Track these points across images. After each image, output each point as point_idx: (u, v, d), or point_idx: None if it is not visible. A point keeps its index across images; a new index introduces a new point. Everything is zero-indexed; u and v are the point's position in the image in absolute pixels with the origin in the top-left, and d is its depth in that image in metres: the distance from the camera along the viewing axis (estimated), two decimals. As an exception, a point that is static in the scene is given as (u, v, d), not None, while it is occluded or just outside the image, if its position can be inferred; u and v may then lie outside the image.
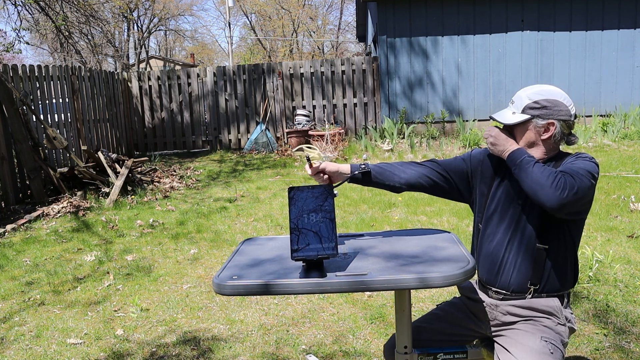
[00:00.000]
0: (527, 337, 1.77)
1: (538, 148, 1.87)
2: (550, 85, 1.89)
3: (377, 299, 3.43)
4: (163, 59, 35.58)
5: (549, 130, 1.82)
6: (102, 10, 18.03)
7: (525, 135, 1.86)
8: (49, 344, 3.08)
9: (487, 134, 1.90)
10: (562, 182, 1.65)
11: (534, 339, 1.75)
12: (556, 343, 1.75)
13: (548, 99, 1.83)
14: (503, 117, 1.89)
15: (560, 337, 1.78)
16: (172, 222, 5.57)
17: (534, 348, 1.73)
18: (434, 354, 1.88)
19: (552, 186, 1.65)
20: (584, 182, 1.68)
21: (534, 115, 1.83)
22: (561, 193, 1.64)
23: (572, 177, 1.68)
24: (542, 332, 1.77)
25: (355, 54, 30.60)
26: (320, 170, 1.97)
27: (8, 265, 4.48)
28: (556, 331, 1.79)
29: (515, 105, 1.88)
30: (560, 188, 1.65)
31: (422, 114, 10.37)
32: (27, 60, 40.96)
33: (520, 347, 1.75)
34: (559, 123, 1.82)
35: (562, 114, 1.82)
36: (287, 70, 10.42)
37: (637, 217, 4.73)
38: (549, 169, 1.70)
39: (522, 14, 9.96)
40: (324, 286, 1.56)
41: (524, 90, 1.90)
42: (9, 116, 6.36)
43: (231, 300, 3.51)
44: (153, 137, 10.82)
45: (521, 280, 1.81)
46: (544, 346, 1.73)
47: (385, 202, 5.84)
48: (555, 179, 1.66)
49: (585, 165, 1.74)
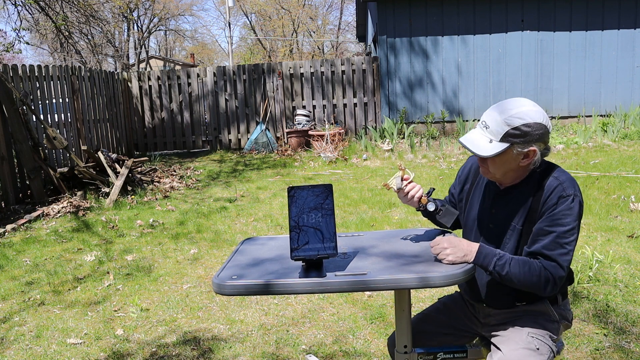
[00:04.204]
0: (515, 333, 1.77)
1: (513, 173, 1.74)
2: (522, 101, 1.69)
3: (377, 298, 3.43)
4: (163, 59, 35.58)
5: (528, 157, 1.68)
6: (102, 10, 18.03)
7: (502, 165, 1.71)
8: (49, 344, 3.08)
9: (438, 248, 1.65)
10: (547, 277, 1.62)
11: (521, 334, 1.75)
12: (544, 339, 1.74)
13: (528, 123, 1.64)
14: (478, 147, 1.69)
15: (549, 334, 1.77)
16: (172, 222, 5.57)
17: (519, 344, 1.72)
18: (433, 354, 1.88)
19: (542, 284, 1.63)
20: (568, 255, 1.64)
21: (514, 142, 1.65)
22: (553, 288, 1.64)
23: (556, 262, 1.63)
24: (530, 328, 1.76)
25: (355, 54, 30.59)
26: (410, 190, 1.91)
27: (8, 265, 4.48)
28: (546, 327, 1.78)
29: (491, 132, 1.68)
30: (550, 283, 1.63)
31: (422, 114, 10.37)
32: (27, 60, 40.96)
33: (508, 344, 1.75)
34: (539, 147, 1.68)
35: (543, 136, 1.67)
36: (287, 70, 10.42)
37: (637, 217, 4.73)
38: (527, 264, 1.63)
39: (522, 14, 9.96)
40: (324, 286, 1.56)
41: (498, 114, 1.67)
42: (9, 116, 6.36)
43: (231, 300, 3.51)
44: (153, 137, 10.82)
45: (508, 300, 1.81)
46: (529, 342, 1.72)
47: (385, 202, 5.84)
48: (541, 276, 1.62)
49: (566, 223, 1.63)
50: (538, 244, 1.65)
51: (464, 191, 1.96)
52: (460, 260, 1.62)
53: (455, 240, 1.66)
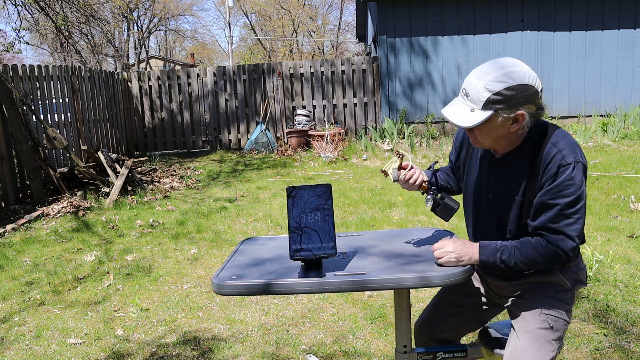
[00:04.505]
0: (529, 311, 1.72)
1: (505, 140, 1.63)
2: (502, 61, 1.55)
3: (377, 298, 3.43)
4: (163, 59, 35.58)
5: (518, 122, 1.56)
6: (102, 10, 18.03)
7: (490, 133, 1.60)
8: (49, 344, 3.08)
9: (441, 252, 1.61)
10: (555, 252, 1.57)
11: (535, 314, 1.70)
12: (557, 314, 1.70)
13: (511, 85, 1.50)
14: (460, 118, 1.57)
15: (563, 304, 1.71)
16: (172, 222, 5.57)
17: (533, 324, 1.68)
18: (433, 353, 1.88)
19: (551, 261, 1.59)
20: (576, 224, 1.55)
21: (498, 108, 1.53)
22: (566, 260, 1.58)
23: (563, 234, 1.55)
24: (543, 306, 1.71)
25: (355, 54, 30.59)
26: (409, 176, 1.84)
27: (8, 265, 4.48)
28: (559, 299, 1.72)
29: (472, 100, 1.55)
30: (559, 257, 1.58)
31: (422, 113, 10.37)
32: (27, 60, 40.97)
33: (523, 324, 1.71)
34: (528, 109, 1.55)
35: (530, 97, 1.53)
36: (287, 70, 10.42)
37: (637, 217, 4.73)
38: (530, 246, 1.59)
39: (522, 14, 9.96)
40: (323, 286, 1.56)
41: (477, 78, 1.54)
42: (9, 116, 6.36)
43: (231, 300, 3.51)
44: (153, 137, 10.82)
45: (515, 271, 1.73)
46: (543, 321, 1.68)
47: (385, 202, 5.84)
48: (547, 254, 1.57)
49: (569, 194, 1.54)
50: (542, 217, 1.57)
51: (460, 159, 1.90)
52: (465, 263, 1.61)
53: (460, 243, 1.64)
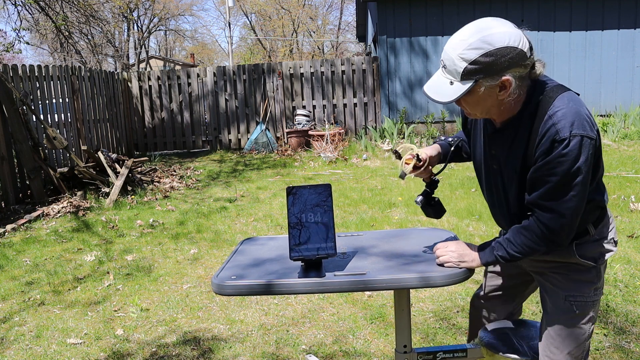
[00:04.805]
0: (553, 296, 1.65)
1: (497, 109, 1.51)
2: (479, 24, 1.43)
3: (377, 298, 3.43)
4: (163, 59, 35.57)
5: (505, 88, 1.43)
6: (102, 10, 18.03)
7: (478, 104, 1.48)
8: (49, 344, 3.08)
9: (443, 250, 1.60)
10: (543, 233, 1.49)
11: (558, 300, 1.64)
12: (582, 297, 1.61)
13: (488, 51, 1.38)
14: (438, 92, 1.47)
15: (588, 284, 1.61)
16: (172, 222, 5.57)
17: (558, 311, 1.63)
18: (433, 353, 1.88)
19: (544, 243, 1.51)
20: (570, 202, 1.44)
21: (479, 78, 1.40)
22: (559, 240, 1.49)
23: (554, 211, 1.45)
24: (565, 288, 1.63)
25: (355, 54, 30.59)
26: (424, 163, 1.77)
27: (8, 265, 4.48)
28: (582, 280, 1.62)
29: (449, 72, 1.44)
30: (548, 238, 1.49)
31: (422, 113, 10.37)
32: (27, 60, 40.97)
33: (549, 310, 1.67)
34: (514, 73, 1.42)
35: (515, 60, 1.40)
36: (287, 70, 10.42)
37: (637, 217, 4.73)
38: (519, 234, 1.53)
39: (522, 14, 9.96)
40: (323, 286, 1.55)
41: (452, 48, 1.42)
42: (9, 116, 6.36)
43: (231, 300, 3.51)
44: (153, 137, 10.82)
45: None
46: (568, 308, 1.62)
47: (385, 202, 5.84)
48: (538, 236, 1.49)
49: (561, 172, 1.41)
50: (535, 192, 1.50)
51: (467, 128, 1.83)
52: (466, 265, 1.59)
53: (463, 245, 1.63)
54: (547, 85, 1.50)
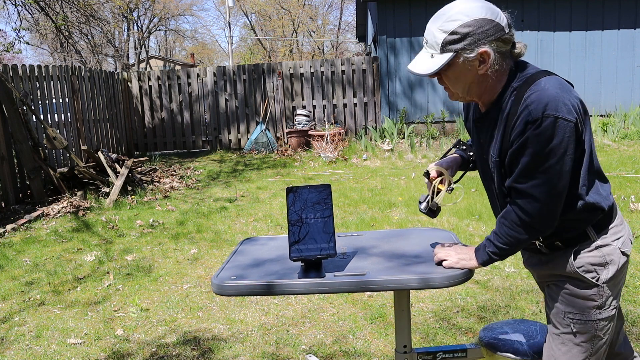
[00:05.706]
0: (554, 310, 1.61)
1: (478, 87, 1.52)
2: (459, 0, 1.47)
3: (377, 299, 3.43)
4: (163, 59, 35.57)
5: (484, 61, 1.45)
6: (102, 10, 18.03)
7: (458, 79, 1.50)
8: (49, 344, 3.08)
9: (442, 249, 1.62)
10: (520, 218, 1.47)
11: (558, 315, 1.60)
12: (582, 316, 1.55)
13: (466, 22, 1.42)
14: (420, 66, 1.49)
15: (590, 303, 1.54)
16: (172, 222, 5.57)
17: (558, 328, 1.59)
18: (433, 353, 1.88)
19: (523, 230, 1.48)
20: (543, 186, 1.43)
21: (458, 49, 1.44)
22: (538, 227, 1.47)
23: (530, 195, 1.44)
24: (565, 304, 1.58)
25: (355, 54, 30.59)
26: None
27: (8, 265, 4.48)
28: (582, 297, 1.54)
29: (430, 45, 1.48)
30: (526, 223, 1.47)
31: (422, 114, 10.37)
32: (27, 60, 40.97)
33: (552, 323, 1.63)
34: (493, 46, 1.44)
35: (490, 33, 1.43)
36: (287, 70, 10.42)
37: (637, 217, 4.73)
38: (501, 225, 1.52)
39: (522, 14, 9.96)
40: (323, 286, 1.55)
41: (432, 22, 1.48)
42: (9, 116, 6.36)
43: (231, 300, 3.51)
44: (153, 137, 10.82)
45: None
46: (566, 325, 1.57)
47: (385, 202, 5.84)
48: (516, 224, 1.48)
49: (532, 153, 1.41)
50: (511, 177, 1.49)
51: (467, 126, 1.81)
52: (465, 265, 1.59)
53: (461, 246, 1.64)
54: (529, 70, 1.51)
